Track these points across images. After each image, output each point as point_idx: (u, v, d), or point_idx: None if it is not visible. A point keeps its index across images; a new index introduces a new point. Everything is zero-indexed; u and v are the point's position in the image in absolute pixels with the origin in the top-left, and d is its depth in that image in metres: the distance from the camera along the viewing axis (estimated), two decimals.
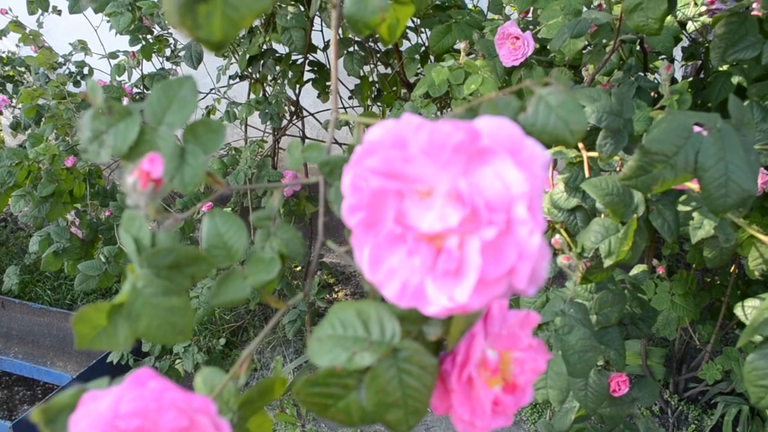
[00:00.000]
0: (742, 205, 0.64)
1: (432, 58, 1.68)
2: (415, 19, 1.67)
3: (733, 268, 1.72)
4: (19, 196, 1.81)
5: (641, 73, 1.30)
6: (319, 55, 2.03)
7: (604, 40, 1.23)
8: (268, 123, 1.96)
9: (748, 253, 1.16)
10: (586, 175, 0.88)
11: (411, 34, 1.82)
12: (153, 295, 0.41)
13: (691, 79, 1.50)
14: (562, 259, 0.81)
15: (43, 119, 2.19)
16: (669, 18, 1.30)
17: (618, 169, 0.96)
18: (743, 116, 0.67)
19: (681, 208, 0.84)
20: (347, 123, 2.01)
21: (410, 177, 0.32)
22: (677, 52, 1.59)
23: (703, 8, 1.46)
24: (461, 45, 1.25)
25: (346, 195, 0.33)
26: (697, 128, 0.64)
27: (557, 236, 0.86)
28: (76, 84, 2.34)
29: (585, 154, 0.89)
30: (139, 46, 2.07)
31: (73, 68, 2.37)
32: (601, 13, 1.09)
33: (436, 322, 0.37)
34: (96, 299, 2.89)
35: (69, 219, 1.93)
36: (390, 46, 1.80)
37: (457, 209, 0.31)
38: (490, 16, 1.74)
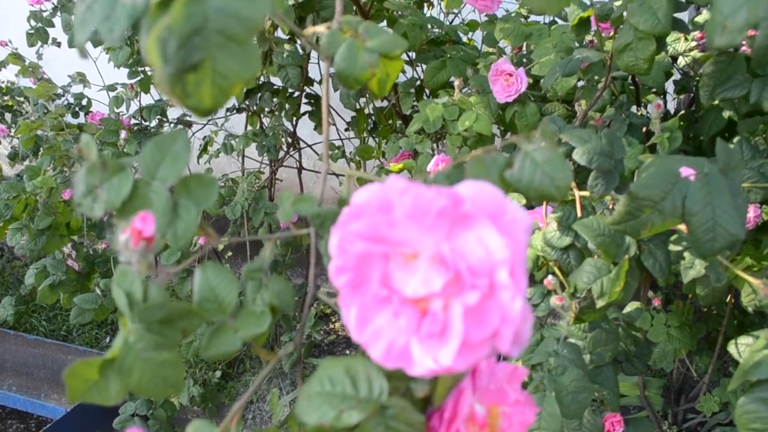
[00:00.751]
0: (729, 249, 0.65)
1: (427, 91, 1.70)
2: (410, 54, 1.69)
3: (729, 297, 1.72)
4: (16, 228, 1.81)
5: (633, 109, 1.32)
6: (316, 88, 2.04)
7: (596, 77, 1.25)
8: (265, 155, 1.98)
9: (742, 286, 1.16)
10: (578, 214, 0.89)
11: (406, 67, 1.84)
12: (144, 349, 0.42)
13: (683, 112, 1.52)
14: (554, 300, 0.81)
15: (41, 149, 2.20)
16: (660, 54, 1.32)
17: (610, 206, 0.96)
18: (730, 160, 0.68)
19: (672, 247, 0.84)
20: (343, 155, 2.03)
21: (395, 241, 0.32)
22: (670, 85, 1.61)
23: (693, 43, 1.48)
24: (455, 82, 1.26)
25: (333, 256, 0.34)
26: (685, 171, 0.65)
27: (550, 277, 0.86)
28: (75, 115, 2.36)
29: (577, 194, 0.90)
30: (137, 79, 2.09)
31: (71, 99, 2.39)
32: (592, 52, 1.11)
33: (424, 379, 0.38)
34: (91, 330, 2.88)
35: (65, 251, 1.94)
36: None
37: (441, 273, 0.31)
38: (484, 49, 1.76)
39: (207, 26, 0.31)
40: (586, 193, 0.88)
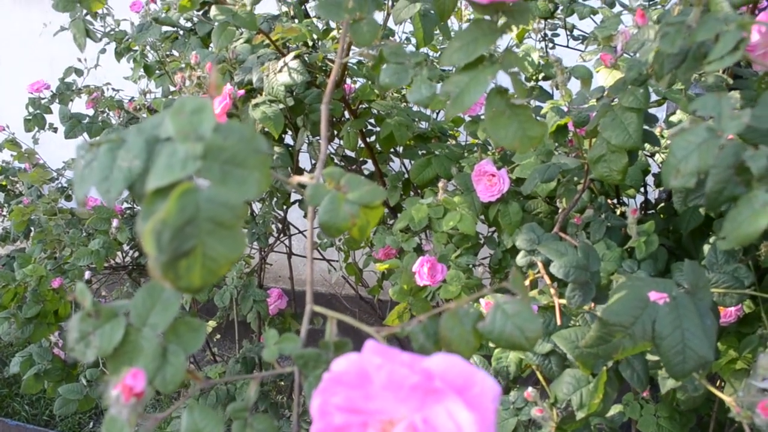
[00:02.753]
0: (700, 369, 0.67)
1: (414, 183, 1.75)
2: (397, 148, 1.75)
3: (718, 383, 1.73)
4: (4, 317, 1.81)
5: (612, 207, 1.36)
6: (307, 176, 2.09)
7: (576, 178, 1.30)
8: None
9: (726, 376, 1.18)
10: (558, 322, 0.91)
11: (394, 158, 1.90)
12: None
13: (663, 204, 1.57)
14: (535, 412, 0.83)
15: (32, 231, 2.22)
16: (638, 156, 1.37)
17: (591, 309, 0.99)
18: (698, 281, 0.71)
19: (650, 357, 0.86)
20: (332, 244, 2.06)
21: (372, 411, 0.35)
22: (650, 178, 1.66)
23: (669, 141, 1.55)
24: (439, 184, 1.31)
25: (315, 419, 0.36)
26: (654, 296, 0.68)
27: (529, 389, 0.88)
28: (68, 199, 2.39)
29: (557, 302, 0.93)
30: None
31: (65, 183, 2.43)
32: (570, 159, 1.16)
33: None
34: (75, 414, 2.82)
35: (52, 340, 1.93)
36: (373, 170, 1.86)
37: None
38: (470, 139, 1.82)
39: (198, 216, 0.34)
40: (565, 302, 0.91)
